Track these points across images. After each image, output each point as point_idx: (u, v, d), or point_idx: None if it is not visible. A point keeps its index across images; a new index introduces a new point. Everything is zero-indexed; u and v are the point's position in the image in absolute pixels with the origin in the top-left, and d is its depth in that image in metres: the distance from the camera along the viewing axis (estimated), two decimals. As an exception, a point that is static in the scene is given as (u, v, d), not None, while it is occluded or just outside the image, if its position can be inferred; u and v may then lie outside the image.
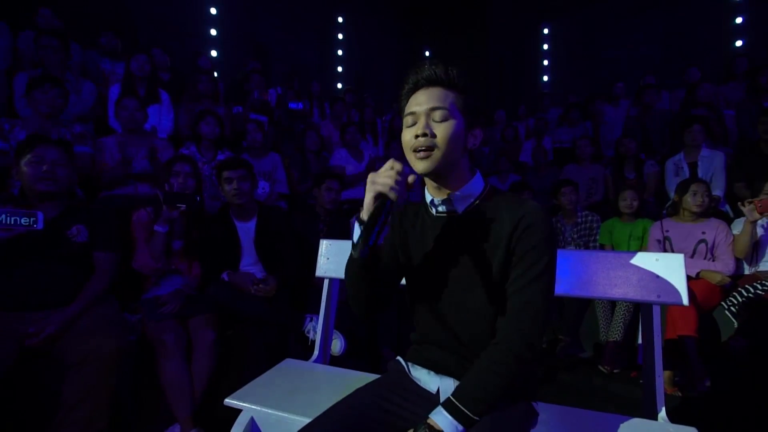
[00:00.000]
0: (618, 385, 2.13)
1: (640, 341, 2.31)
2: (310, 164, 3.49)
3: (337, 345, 1.85)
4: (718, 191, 2.99)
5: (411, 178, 0.80)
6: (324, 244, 1.57)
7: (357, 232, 0.81)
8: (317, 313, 2.00)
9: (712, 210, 2.65)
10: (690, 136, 3.10)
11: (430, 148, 0.82)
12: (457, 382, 0.87)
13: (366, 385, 0.97)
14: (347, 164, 3.52)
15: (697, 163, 3.08)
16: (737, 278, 2.29)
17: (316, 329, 1.94)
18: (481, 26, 7.87)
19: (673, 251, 2.42)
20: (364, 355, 2.10)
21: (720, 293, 2.24)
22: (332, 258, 1.55)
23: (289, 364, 1.41)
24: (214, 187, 2.67)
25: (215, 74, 4.31)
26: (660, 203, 3.27)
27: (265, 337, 1.86)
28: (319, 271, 1.56)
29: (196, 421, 1.63)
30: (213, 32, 5.56)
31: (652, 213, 3.02)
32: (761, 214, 2.12)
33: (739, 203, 2.29)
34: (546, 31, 7.52)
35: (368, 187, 0.79)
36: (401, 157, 3.29)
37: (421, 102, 0.85)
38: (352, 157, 3.57)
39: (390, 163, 0.80)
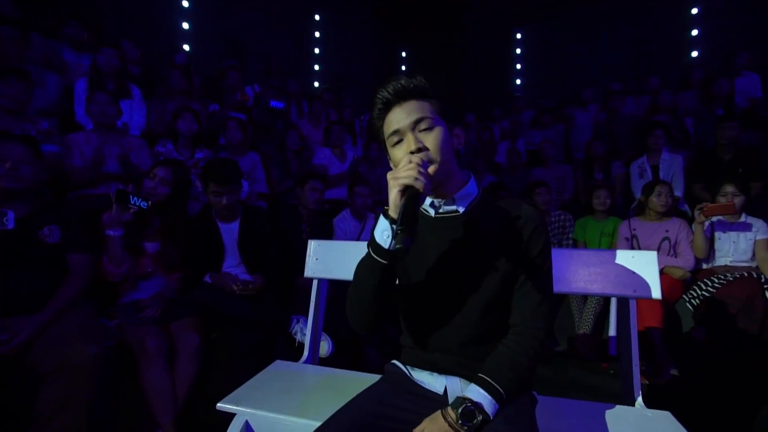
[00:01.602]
0: (592, 375, 2.24)
1: (611, 333, 2.46)
2: (290, 164, 3.45)
3: (324, 347, 1.85)
4: (677, 192, 3.20)
5: (432, 169, 0.79)
6: (312, 245, 1.57)
7: (383, 232, 0.79)
8: (303, 314, 2.01)
9: (673, 209, 2.84)
10: (652, 140, 3.30)
11: (429, 160, 0.82)
12: (464, 381, 0.89)
13: (365, 390, 0.95)
14: (330, 164, 3.51)
15: (658, 165, 3.29)
16: (696, 273, 2.47)
17: (303, 331, 1.95)
18: (456, 28, 8.01)
19: (640, 248, 2.58)
20: (349, 357, 2.11)
21: (681, 287, 2.41)
22: (321, 258, 1.55)
23: (279, 366, 1.40)
24: (192, 187, 2.60)
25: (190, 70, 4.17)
26: (626, 203, 3.46)
27: (251, 339, 1.84)
28: (308, 272, 1.55)
29: (179, 428, 1.59)
30: (185, 26, 5.38)
31: (621, 212, 3.20)
32: (707, 217, 2.34)
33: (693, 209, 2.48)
34: (519, 35, 7.75)
35: (391, 184, 0.77)
36: (380, 158, 3.29)
37: (401, 118, 0.84)
38: (335, 157, 3.55)
39: (407, 157, 0.79)
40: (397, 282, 0.93)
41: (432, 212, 0.93)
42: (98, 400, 1.45)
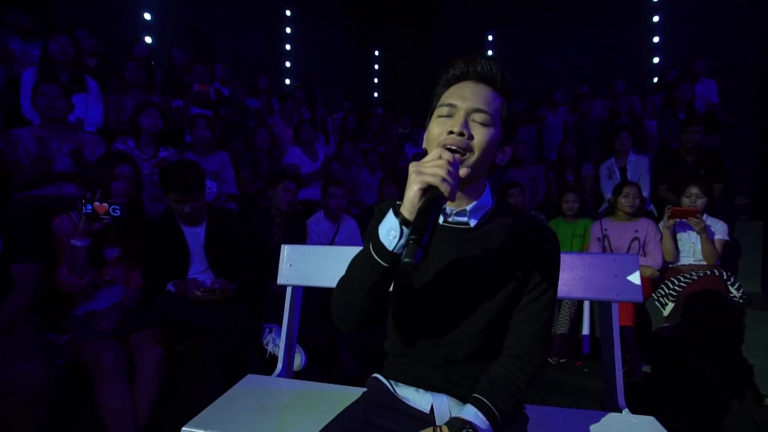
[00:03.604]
0: (567, 375, 2.27)
1: (584, 332, 2.50)
2: (261, 163, 3.31)
3: (297, 360, 1.76)
4: (644, 193, 3.31)
5: (463, 172, 0.70)
6: (286, 250, 1.48)
7: (389, 231, 0.66)
8: (275, 322, 1.91)
9: (641, 210, 2.93)
10: (619, 142, 3.40)
11: (464, 150, 0.73)
12: (452, 399, 0.84)
13: (347, 409, 0.90)
14: (302, 163, 3.40)
15: (626, 167, 3.39)
16: (663, 271, 2.56)
17: (275, 341, 1.85)
18: (429, 28, 8.03)
19: (611, 248, 2.65)
20: (324, 365, 2.03)
21: (650, 286, 2.48)
22: (295, 264, 1.47)
23: (251, 381, 1.31)
24: (154, 188, 2.44)
25: (152, 63, 3.93)
26: (596, 204, 3.56)
27: (220, 351, 1.72)
28: (281, 279, 1.47)
29: (141, 450, 1.46)
30: (147, 16, 5.08)
31: (591, 213, 3.28)
32: (672, 219, 2.45)
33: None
34: (490, 37, 7.86)
35: (412, 177, 0.65)
36: (353, 157, 3.19)
37: (466, 96, 0.77)
38: (306, 156, 3.45)
39: (438, 151, 0.68)
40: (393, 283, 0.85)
41: (440, 219, 0.84)
42: (48, 427, 1.31)
